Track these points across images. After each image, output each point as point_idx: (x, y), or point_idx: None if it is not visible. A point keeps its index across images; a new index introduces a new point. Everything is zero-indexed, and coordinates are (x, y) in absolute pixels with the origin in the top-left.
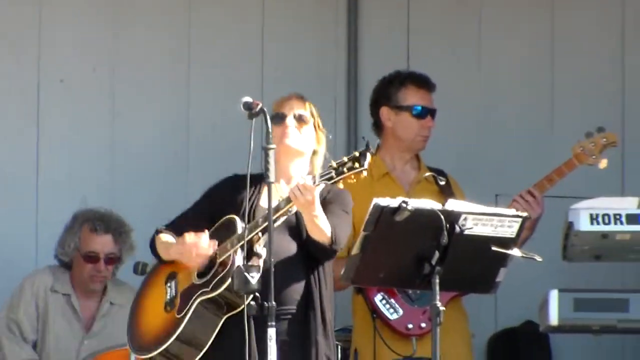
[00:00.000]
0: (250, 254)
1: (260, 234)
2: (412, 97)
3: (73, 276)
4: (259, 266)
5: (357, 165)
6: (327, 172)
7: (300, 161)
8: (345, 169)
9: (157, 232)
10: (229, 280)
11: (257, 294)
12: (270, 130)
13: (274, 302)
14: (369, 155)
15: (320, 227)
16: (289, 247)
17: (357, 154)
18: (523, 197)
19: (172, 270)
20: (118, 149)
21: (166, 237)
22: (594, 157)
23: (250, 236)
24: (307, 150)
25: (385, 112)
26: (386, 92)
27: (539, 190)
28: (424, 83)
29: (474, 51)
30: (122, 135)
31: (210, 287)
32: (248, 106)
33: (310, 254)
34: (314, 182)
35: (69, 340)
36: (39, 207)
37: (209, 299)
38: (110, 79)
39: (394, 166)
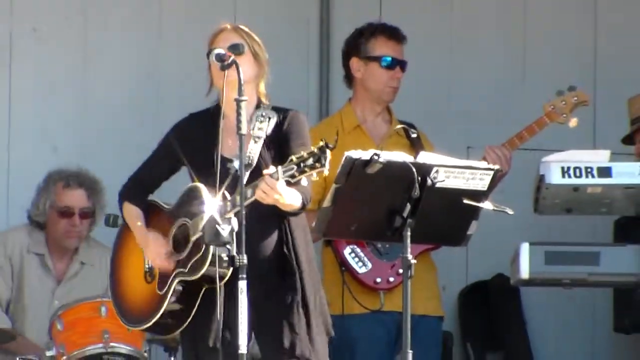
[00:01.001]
0: None
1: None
2: (381, 47)
3: (48, 234)
4: (230, 218)
5: (317, 164)
6: (289, 167)
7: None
8: (306, 168)
9: (124, 193)
10: (205, 266)
11: (229, 247)
12: (242, 82)
13: (245, 256)
14: (328, 153)
15: (291, 204)
16: (258, 203)
17: (315, 150)
18: (494, 150)
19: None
20: (90, 97)
21: (133, 211)
22: (564, 115)
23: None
24: (248, 79)
25: (355, 62)
26: (356, 43)
27: (509, 147)
28: (394, 34)
29: (446, 3)
30: (93, 83)
31: (187, 269)
32: (220, 58)
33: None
34: (277, 178)
35: (41, 297)
36: (11, 156)
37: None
38: (82, 27)
39: (364, 119)
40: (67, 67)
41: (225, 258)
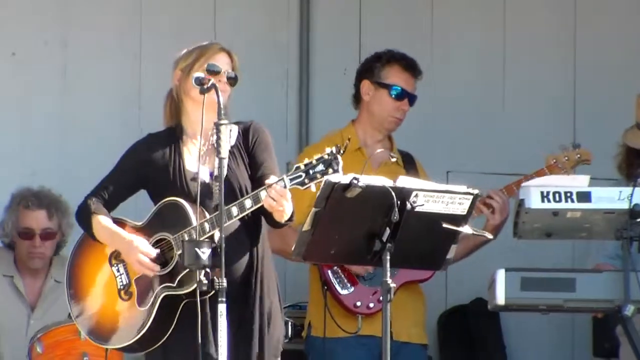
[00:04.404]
0: None
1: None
2: (394, 76)
3: (16, 256)
4: (209, 241)
5: (329, 170)
6: (296, 174)
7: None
8: (317, 174)
9: (89, 204)
10: (195, 281)
11: (208, 270)
12: (222, 106)
13: (224, 279)
14: (340, 159)
15: (286, 213)
16: (234, 224)
17: (325, 156)
18: (494, 197)
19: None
20: (69, 121)
21: (105, 221)
22: (565, 170)
23: (208, 235)
24: (226, 103)
25: (366, 85)
26: (371, 66)
27: (507, 194)
28: (409, 66)
29: (426, 26)
30: (73, 107)
31: (175, 282)
32: (199, 81)
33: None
34: (284, 186)
35: (15, 322)
36: None
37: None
38: (62, 51)
39: (365, 142)
40: (47, 91)
41: (205, 281)
